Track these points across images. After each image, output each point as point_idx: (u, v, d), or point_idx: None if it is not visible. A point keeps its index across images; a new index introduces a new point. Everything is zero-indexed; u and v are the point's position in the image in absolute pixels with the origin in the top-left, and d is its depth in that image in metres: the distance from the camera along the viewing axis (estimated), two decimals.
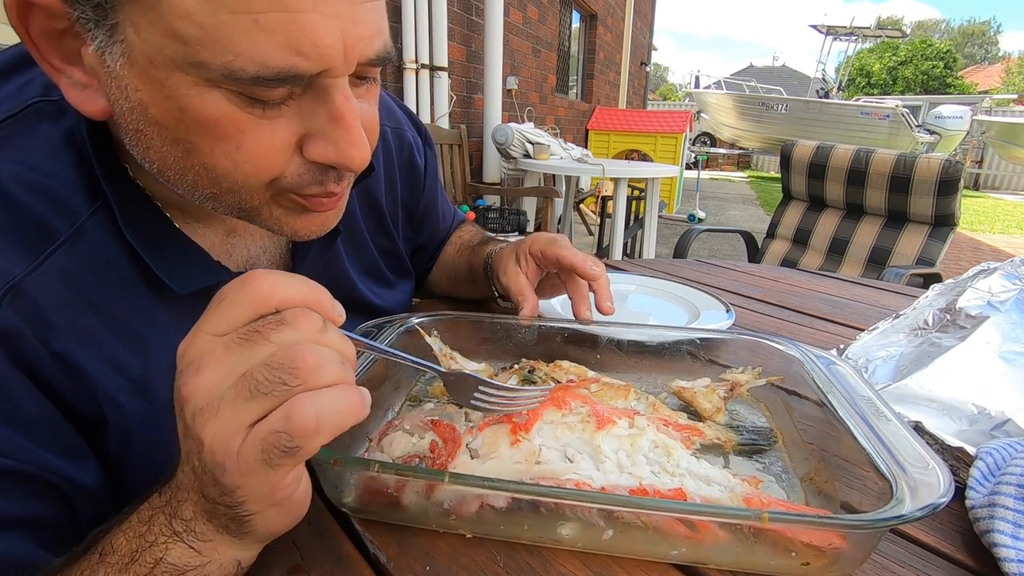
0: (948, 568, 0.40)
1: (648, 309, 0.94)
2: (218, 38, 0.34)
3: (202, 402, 0.30)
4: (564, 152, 4.03)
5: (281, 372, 0.30)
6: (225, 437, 0.30)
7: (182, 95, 0.36)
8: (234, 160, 0.39)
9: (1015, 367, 0.56)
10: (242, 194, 0.42)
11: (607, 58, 8.04)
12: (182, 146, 0.39)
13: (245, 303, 0.31)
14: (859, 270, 2.20)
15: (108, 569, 0.33)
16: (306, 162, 0.41)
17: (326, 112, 0.39)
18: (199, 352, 0.31)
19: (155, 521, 0.34)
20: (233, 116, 0.37)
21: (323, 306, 0.34)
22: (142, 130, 0.39)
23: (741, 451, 0.51)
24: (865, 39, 19.32)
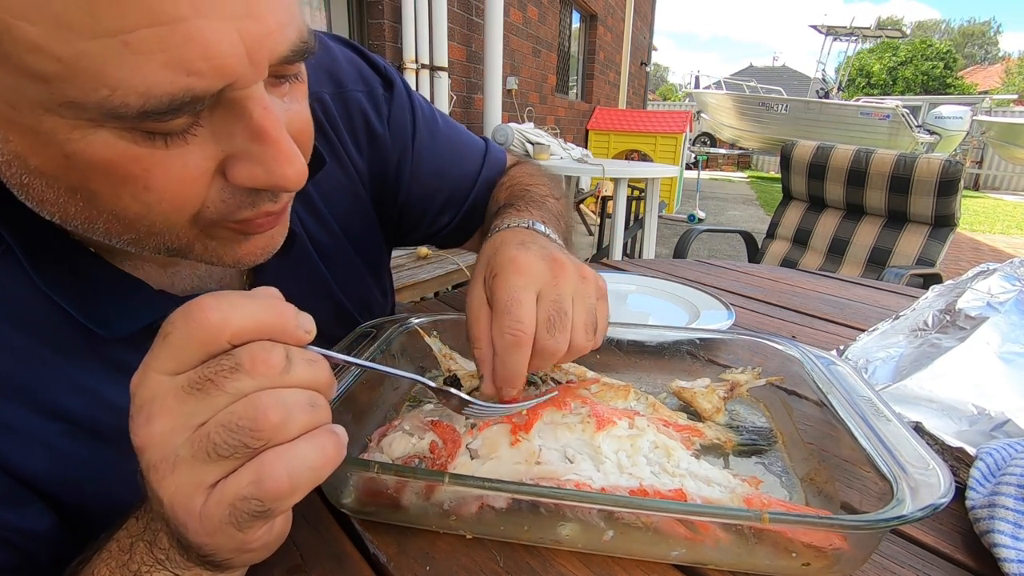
0: (948, 568, 0.40)
1: (648, 309, 0.94)
2: (84, 71, 0.27)
3: (156, 456, 0.28)
4: (564, 152, 4.03)
5: (242, 435, 0.27)
6: (184, 497, 0.28)
7: (62, 141, 0.30)
8: (144, 202, 0.33)
9: (1015, 368, 0.56)
10: (165, 235, 0.36)
11: (607, 58, 8.04)
12: (80, 195, 0.32)
13: (192, 341, 0.28)
14: (859, 270, 2.20)
15: None
16: (229, 185, 0.36)
17: (244, 130, 0.33)
18: (150, 395, 0.28)
19: (136, 549, 0.32)
20: (130, 154, 0.31)
21: (284, 329, 0.29)
22: (27, 183, 0.32)
23: (741, 451, 0.51)
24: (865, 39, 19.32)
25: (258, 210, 0.37)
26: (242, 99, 0.32)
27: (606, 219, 4.58)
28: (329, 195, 0.62)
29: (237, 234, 0.39)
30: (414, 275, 2.43)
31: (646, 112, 7.51)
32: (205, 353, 0.28)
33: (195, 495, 0.28)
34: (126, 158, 0.31)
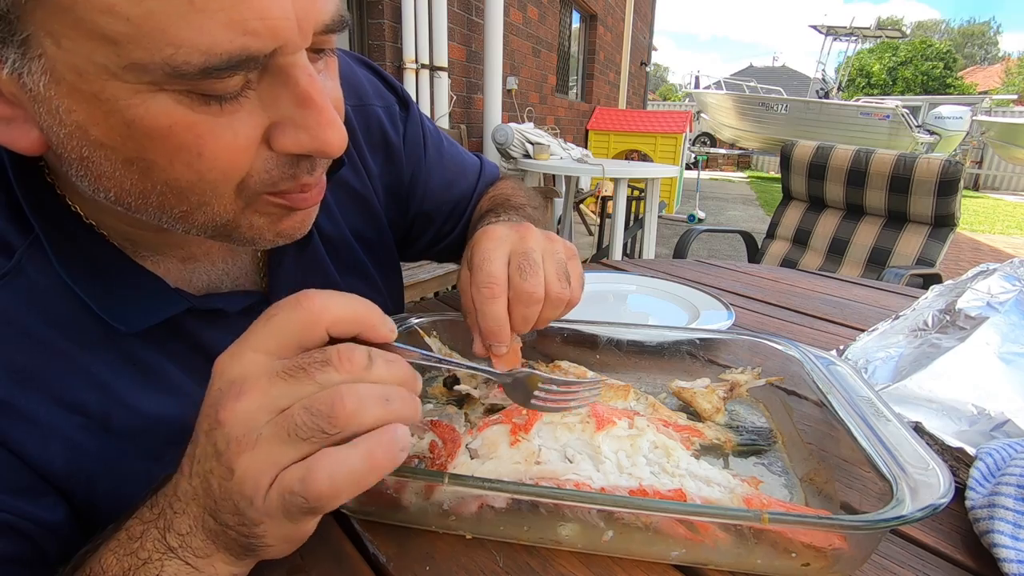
0: (948, 568, 0.40)
1: (648, 309, 0.94)
2: (151, 30, 0.29)
3: (239, 431, 0.29)
4: (564, 152, 4.03)
5: (319, 419, 0.29)
6: (257, 474, 0.29)
7: (124, 107, 0.31)
8: (197, 170, 0.35)
9: (1014, 368, 0.56)
10: (213, 207, 0.38)
11: (607, 58, 8.04)
12: (137, 166, 0.34)
13: (295, 323, 0.31)
14: (859, 270, 2.20)
15: None
16: (274, 155, 0.37)
17: (291, 96, 0.35)
18: (243, 374, 0.30)
19: (147, 536, 0.33)
20: (187, 120, 0.33)
21: (374, 325, 0.33)
22: (87, 156, 0.34)
23: (741, 452, 0.51)
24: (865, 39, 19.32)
25: (297, 181, 0.39)
26: (289, 66, 0.34)
27: (606, 219, 4.58)
28: (344, 202, 0.65)
29: (281, 209, 0.41)
30: (414, 275, 2.43)
31: (646, 112, 7.51)
32: (304, 337, 0.31)
33: (267, 473, 0.29)
34: (182, 125, 0.33)
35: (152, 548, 0.33)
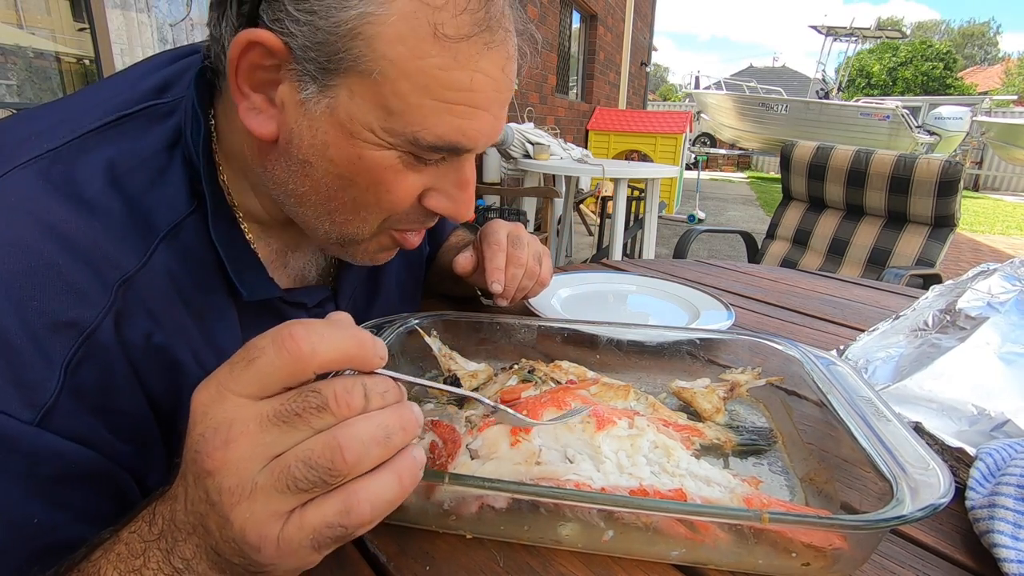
0: (948, 568, 0.40)
1: (648, 309, 0.94)
2: (416, 115, 0.43)
3: (231, 481, 0.29)
4: (564, 152, 4.03)
5: (320, 472, 0.29)
6: (260, 523, 0.29)
7: (364, 147, 0.44)
8: (380, 199, 0.47)
9: (1015, 368, 0.56)
10: (365, 224, 0.49)
11: (607, 58, 8.04)
12: (343, 181, 0.46)
13: (282, 369, 0.29)
14: (859, 271, 2.20)
15: None
16: (418, 207, 0.50)
17: (456, 178, 0.49)
18: (227, 419, 0.29)
19: (150, 555, 0.33)
20: (396, 168, 0.45)
21: (364, 359, 0.32)
22: (312, 162, 0.45)
23: (741, 452, 0.51)
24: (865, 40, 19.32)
25: (419, 225, 0.53)
26: (466, 159, 0.49)
27: (606, 219, 4.58)
28: None
29: (392, 244, 0.54)
30: None
31: (646, 112, 7.51)
32: (291, 382, 0.30)
33: (272, 522, 0.29)
34: (392, 170, 0.45)
35: (156, 568, 0.32)
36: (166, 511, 0.33)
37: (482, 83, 0.44)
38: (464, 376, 0.58)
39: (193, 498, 0.31)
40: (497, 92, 0.46)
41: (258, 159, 0.49)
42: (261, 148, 0.48)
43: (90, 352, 0.40)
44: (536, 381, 0.56)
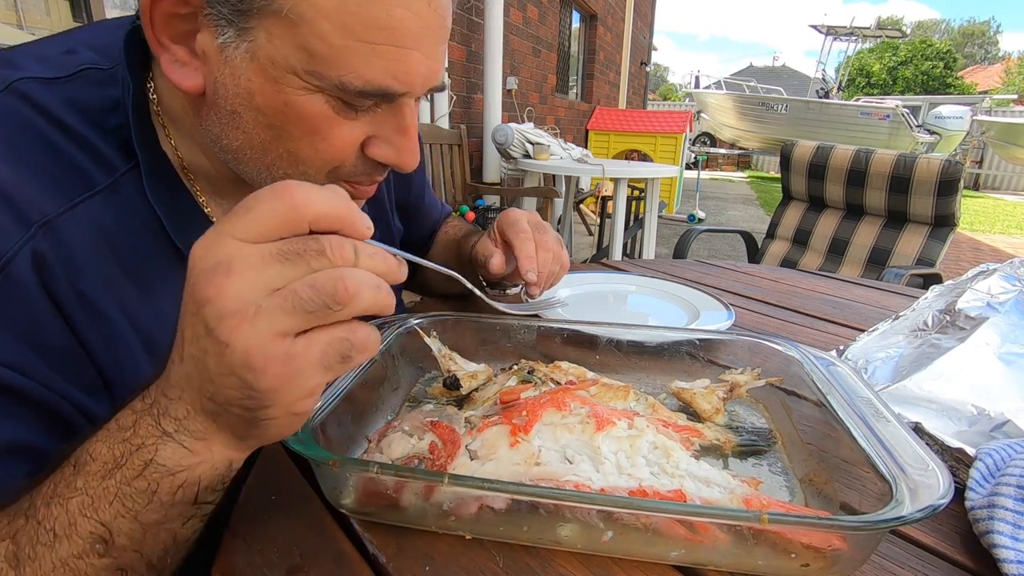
0: (948, 569, 0.40)
1: (648, 309, 0.94)
2: (340, 58, 0.41)
3: (232, 306, 0.30)
4: (564, 152, 4.03)
5: (324, 296, 0.31)
6: (264, 342, 0.30)
7: (290, 92, 0.42)
8: (316, 149, 0.46)
9: (1014, 368, 0.56)
10: (308, 177, 0.47)
11: (607, 58, 8.04)
12: (275, 132, 0.45)
13: (278, 214, 0.31)
14: (859, 270, 2.20)
15: (88, 478, 0.33)
16: (363, 157, 0.49)
17: (396, 124, 0.47)
18: (227, 255, 0.30)
19: (141, 424, 0.34)
20: (327, 115, 0.44)
21: (353, 222, 0.33)
22: (240, 112, 0.44)
23: (740, 452, 0.51)
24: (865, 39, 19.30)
25: (371, 178, 0.51)
26: (404, 104, 0.47)
27: (606, 219, 4.58)
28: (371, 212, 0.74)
29: None
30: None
31: (646, 112, 7.51)
32: (286, 226, 0.31)
33: (276, 342, 0.31)
34: (324, 117, 0.44)
35: (146, 434, 0.33)
36: (160, 381, 0.35)
37: (405, 19, 0.41)
38: (464, 376, 0.58)
39: (191, 338, 0.32)
40: (425, 29, 0.43)
41: (193, 115, 0.48)
42: (193, 103, 0.47)
43: (5, 284, 0.40)
44: (536, 382, 0.56)
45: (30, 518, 0.33)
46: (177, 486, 0.34)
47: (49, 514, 0.33)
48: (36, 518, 0.33)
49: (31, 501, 0.34)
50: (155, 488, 0.33)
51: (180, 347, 0.33)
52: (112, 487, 0.33)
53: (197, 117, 0.47)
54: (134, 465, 0.33)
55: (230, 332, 0.30)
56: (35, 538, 0.33)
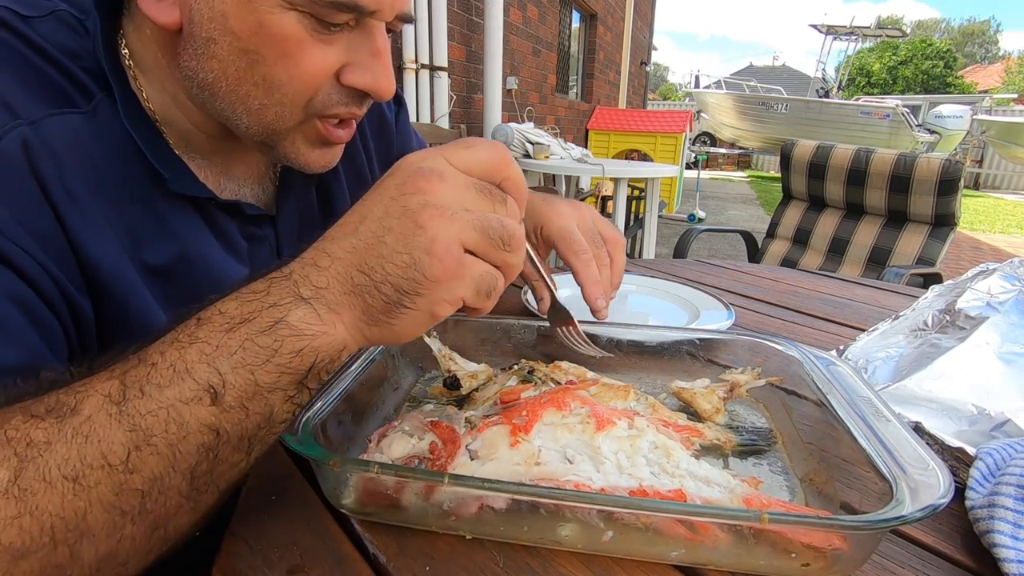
0: (948, 568, 0.40)
1: (648, 309, 0.94)
2: None
3: (439, 201, 0.35)
4: (564, 152, 4.03)
5: (505, 234, 0.37)
6: (449, 239, 0.35)
7: (263, 12, 0.43)
8: (291, 74, 0.46)
9: (1014, 368, 0.56)
10: (284, 108, 0.48)
11: (607, 58, 8.04)
12: (248, 57, 0.45)
13: (489, 159, 0.38)
14: (859, 270, 2.20)
15: (213, 329, 0.34)
16: (339, 87, 0.49)
17: (369, 47, 0.48)
18: (442, 168, 0.36)
19: (276, 287, 0.35)
20: (300, 36, 0.45)
21: (524, 199, 0.40)
22: (215, 39, 0.45)
23: (741, 452, 0.51)
24: (865, 39, 19.30)
25: (348, 109, 0.51)
26: (374, 27, 0.48)
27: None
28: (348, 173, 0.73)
29: (319, 139, 0.52)
30: None
31: (646, 112, 7.51)
32: (491, 170, 0.38)
33: (457, 244, 0.35)
34: (296, 37, 0.45)
35: (280, 295, 0.35)
36: (301, 257, 0.37)
37: None
38: (464, 376, 0.58)
39: (381, 215, 0.35)
40: None
41: (170, 57, 0.49)
42: (168, 43, 0.48)
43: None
44: (536, 382, 0.56)
45: (142, 360, 0.33)
46: (297, 350, 0.34)
47: (164, 358, 0.33)
48: (149, 360, 0.33)
49: (135, 349, 0.35)
50: (278, 347, 0.34)
51: (355, 223, 0.36)
52: (236, 339, 0.33)
53: (173, 58, 0.48)
54: (263, 321, 0.34)
55: (429, 218, 0.34)
56: (145, 377, 0.33)
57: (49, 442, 0.30)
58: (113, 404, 0.32)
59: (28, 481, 0.29)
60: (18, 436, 0.31)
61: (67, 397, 0.32)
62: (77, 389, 0.33)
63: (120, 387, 0.32)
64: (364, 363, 0.52)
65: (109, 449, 0.31)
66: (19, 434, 0.31)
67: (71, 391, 0.33)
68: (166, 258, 0.52)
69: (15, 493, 0.29)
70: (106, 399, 0.32)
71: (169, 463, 0.32)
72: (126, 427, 0.31)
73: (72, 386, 0.33)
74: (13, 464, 0.30)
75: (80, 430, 0.31)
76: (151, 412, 0.32)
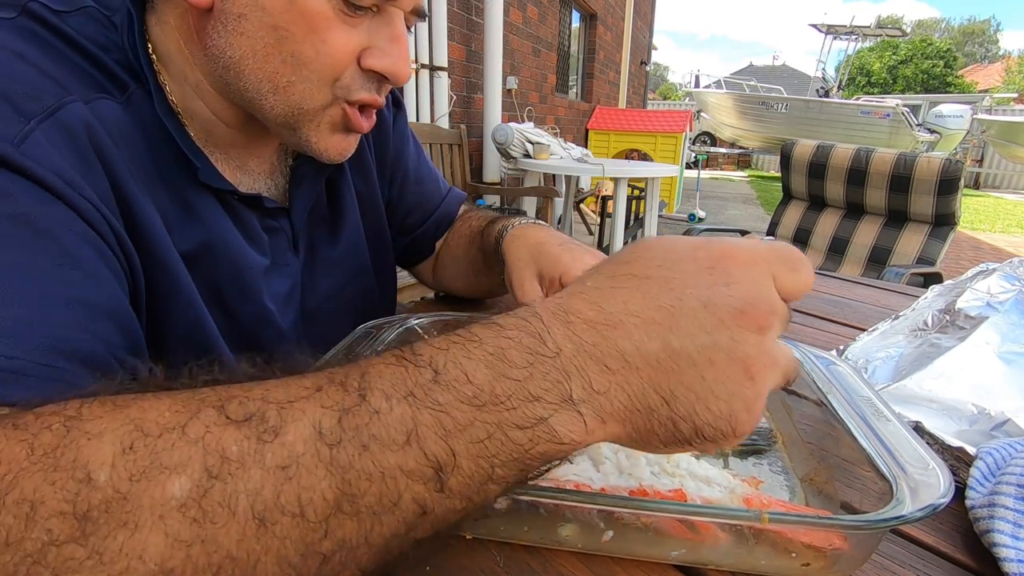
0: (948, 568, 0.40)
1: None
2: None
3: (770, 347, 0.31)
4: (564, 152, 4.03)
5: (794, 375, 0.33)
6: (765, 392, 0.30)
7: None
8: (318, 50, 0.48)
9: (1015, 367, 0.56)
10: (311, 85, 0.50)
11: (607, 58, 8.04)
12: (278, 33, 0.47)
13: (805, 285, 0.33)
14: (859, 270, 2.20)
15: (456, 399, 0.28)
16: (360, 72, 0.51)
17: (389, 32, 0.51)
18: (771, 299, 0.31)
19: (539, 370, 0.29)
20: (328, 15, 0.47)
21: None
22: (245, 14, 0.46)
23: (741, 452, 0.51)
24: (865, 38, 19.30)
25: (369, 94, 0.53)
26: (394, 14, 0.51)
27: (606, 219, 4.58)
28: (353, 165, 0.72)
29: (339, 125, 0.54)
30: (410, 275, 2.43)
31: (646, 111, 7.51)
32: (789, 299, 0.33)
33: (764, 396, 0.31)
34: (323, 16, 0.47)
35: (545, 386, 0.29)
36: (582, 342, 0.29)
37: None
38: None
39: (696, 332, 0.29)
40: None
41: (194, 44, 0.50)
42: (197, 26, 0.49)
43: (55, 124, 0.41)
44: None
45: (364, 398, 0.27)
46: (547, 455, 0.29)
47: (391, 409, 0.27)
48: (371, 404, 0.27)
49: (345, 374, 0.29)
50: (529, 448, 0.28)
51: (664, 325, 0.29)
52: (483, 425, 0.28)
53: (197, 43, 0.50)
54: (520, 415, 0.28)
55: (761, 369, 0.30)
56: (366, 426, 0.27)
57: (243, 463, 0.25)
58: (325, 445, 0.26)
59: (213, 504, 0.24)
60: (211, 441, 0.25)
61: (267, 409, 0.27)
62: (280, 402, 0.27)
63: (336, 427, 0.26)
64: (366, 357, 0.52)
65: (310, 499, 0.25)
66: (213, 439, 0.25)
67: (271, 402, 0.27)
68: (193, 245, 0.54)
69: (196, 515, 0.24)
70: (317, 435, 0.26)
71: (365, 534, 0.27)
72: (336, 480, 0.26)
73: (269, 391, 0.28)
74: (200, 478, 0.24)
75: (282, 462, 0.25)
76: (366, 473, 0.26)
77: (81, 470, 0.24)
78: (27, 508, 0.23)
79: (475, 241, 0.79)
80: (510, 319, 0.31)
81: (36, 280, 0.36)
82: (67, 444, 0.24)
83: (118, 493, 0.24)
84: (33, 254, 0.37)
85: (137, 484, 0.24)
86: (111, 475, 0.24)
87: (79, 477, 0.24)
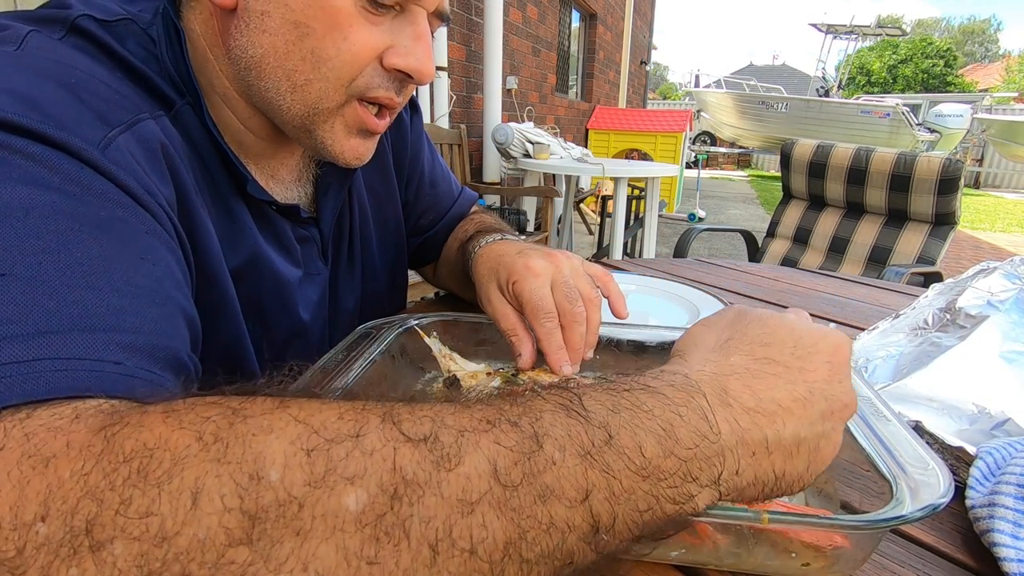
0: (948, 568, 0.40)
1: (648, 309, 0.94)
2: None
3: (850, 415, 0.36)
4: (564, 152, 4.03)
5: None
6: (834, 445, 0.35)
7: None
8: (339, 48, 0.48)
9: (1015, 366, 0.56)
10: (329, 84, 0.49)
11: (607, 57, 8.04)
12: (299, 29, 0.47)
13: None
14: (859, 269, 2.20)
15: (626, 465, 0.28)
16: (381, 71, 0.51)
17: (412, 31, 0.50)
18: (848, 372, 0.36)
19: (702, 453, 0.30)
20: (351, 12, 0.47)
21: None
22: (268, 11, 0.46)
23: None
24: (865, 37, 19.29)
25: (388, 93, 0.52)
26: (418, 13, 0.50)
27: (606, 218, 4.58)
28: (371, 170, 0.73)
29: (356, 126, 0.53)
30: (413, 275, 2.43)
31: (646, 111, 7.51)
32: None
33: None
34: (348, 12, 0.47)
35: (699, 468, 0.30)
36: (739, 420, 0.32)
37: None
38: (464, 376, 0.58)
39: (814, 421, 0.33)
40: None
41: (220, 43, 0.51)
42: (223, 25, 0.49)
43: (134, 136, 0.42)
44: (520, 383, 0.55)
45: (540, 445, 0.27)
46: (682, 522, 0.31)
47: (564, 459, 0.27)
48: (547, 453, 0.27)
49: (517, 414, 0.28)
50: (673, 518, 0.30)
51: (796, 420, 0.33)
52: (645, 495, 0.29)
53: (226, 41, 0.50)
54: (677, 493, 0.29)
55: (836, 445, 0.35)
56: (540, 473, 0.26)
57: (421, 488, 0.24)
58: (500, 485, 0.25)
59: (391, 526, 0.23)
60: (388, 457, 0.24)
61: (443, 434, 0.26)
62: (457, 429, 0.26)
63: (514, 469, 0.26)
64: (365, 364, 0.52)
65: (482, 538, 0.24)
66: (389, 454, 0.24)
67: (448, 427, 0.26)
68: (240, 260, 0.55)
69: (372, 532, 0.23)
70: (493, 472, 0.25)
71: None
72: (509, 523, 0.25)
73: (439, 413, 0.27)
74: (376, 494, 0.23)
75: (459, 494, 0.24)
76: (536, 521, 0.26)
77: (251, 465, 0.22)
78: (188, 499, 0.21)
79: (460, 254, 0.78)
80: (673, 390, 0.32)
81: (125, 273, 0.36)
82: (234, 437, 0.23)
83: (292, 497, 0.22)
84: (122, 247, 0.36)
85: (316, 490, 0.23)
86: (283, 476, 0.23)
87: (249, 473, 0.22)
